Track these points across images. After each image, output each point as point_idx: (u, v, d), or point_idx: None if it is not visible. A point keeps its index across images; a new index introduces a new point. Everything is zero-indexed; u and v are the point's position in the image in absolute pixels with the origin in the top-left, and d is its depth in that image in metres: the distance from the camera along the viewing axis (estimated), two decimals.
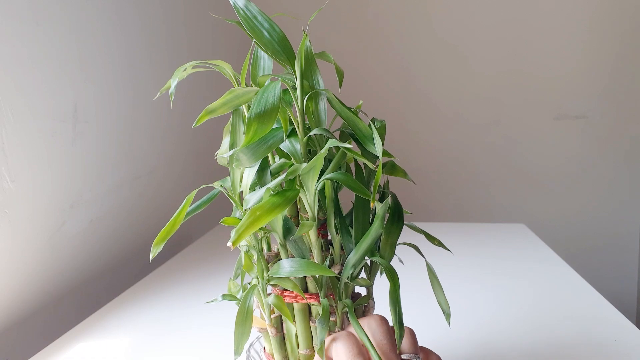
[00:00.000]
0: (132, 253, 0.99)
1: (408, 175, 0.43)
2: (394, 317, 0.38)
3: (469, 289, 0.82)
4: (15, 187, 0.69)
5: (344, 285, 0.41)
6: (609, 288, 1.58)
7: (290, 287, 0.40)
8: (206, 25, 1.29)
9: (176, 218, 0.40)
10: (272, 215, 0.35)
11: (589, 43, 1.51)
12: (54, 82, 0.76)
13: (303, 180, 0.37)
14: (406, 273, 0.50)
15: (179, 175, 1.17)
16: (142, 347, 0.66)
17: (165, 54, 1.09)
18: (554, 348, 0.63)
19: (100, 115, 0.88)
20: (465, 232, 1.14)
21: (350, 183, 0.37)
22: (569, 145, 1.54)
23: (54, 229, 0.78)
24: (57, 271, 0.79)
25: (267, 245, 0.44)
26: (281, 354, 0.45)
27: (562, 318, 0.71)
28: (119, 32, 0.93)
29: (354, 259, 0.40)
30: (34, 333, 0.75)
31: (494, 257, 0.98)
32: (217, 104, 0.35)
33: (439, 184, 1.60)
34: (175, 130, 1.14)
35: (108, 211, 0.91)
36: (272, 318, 0.44)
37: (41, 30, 0.74)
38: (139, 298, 0.81)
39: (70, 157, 0.80)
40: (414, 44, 1.56)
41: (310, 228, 0.38)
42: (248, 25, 0.35)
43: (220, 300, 0.45)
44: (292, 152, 0.38)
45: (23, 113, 0.70)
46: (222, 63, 0.39)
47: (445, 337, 0.65)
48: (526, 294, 0.79)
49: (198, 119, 0.35)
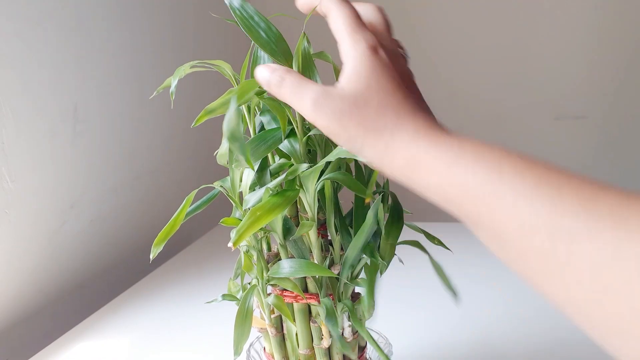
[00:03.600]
0: (132, 253, 0.99)
1: None
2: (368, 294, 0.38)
3: (469, 289, 0.82)
4: (16, 187, 0.69)
5: (343, 285, 0.41)
6: None
7: (290, 287, 0.40)
8: (208, 25, 1.29)
9: (176, 218, 0.41)
10: (272, 215, 0.35)
11: (589, 43, 1.51)
12: (54, 82, 0.76)
13: (303, 180, 0.37)
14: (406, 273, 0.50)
15: (179, 175, 1.17)
16: (142, 347, 0.66)
17: (165, 53, 1.09)
18: (554, 348, 0.63)
19: (101, 115, 0.88)
20: (466, 232, 1.14)
21: (350, 183, 0.37)
22: (569, 145, 1.54)
23: (54, 229, 0.78)
24: (57, 271, 0.80)
25: (267, 246, 0.44)
26: (281, 353, 0.45)
27: (562, 318, 0.71)
28: (119, 32, 0.93)
29: (350, 258, 0.40)
30: (34, 333, 0.75)
31: (493, 257, 0.98)
32: (216, 104, 0.35)
33: None
34: (175, 130, 1.14)
35: (108, 211, 0.91)
36: (272, 318, 0.44)
37: (41, 30, 0.74)
38: (139, 298, 0.81)
39: (71, 157, 0.80)
40: (413, 44, 1.55)
41: (310, 228, 0.38)
42: (245, 26, 0.35)
43: (220, 300, 0.45)
44: (292, 152, 0.38)
45: (23, 113, 0.70)
46: (221, 63, 0.39)
47: (446, 337, 0.65)
48: (526, 294, 0.79)
49: (197, 119, 0.35)
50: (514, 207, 0.24)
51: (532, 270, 0.25)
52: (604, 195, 0.23)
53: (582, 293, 0.23)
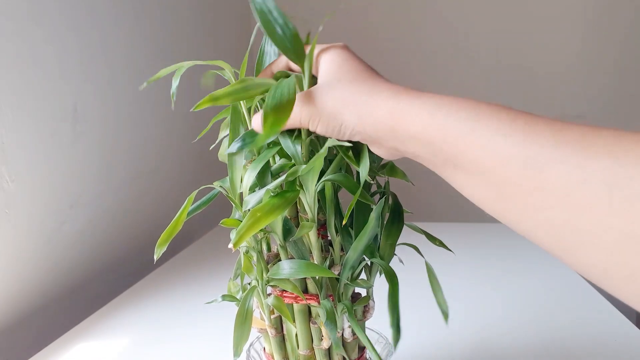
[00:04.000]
0: (132, 253, 0.99)
1: (407, 177, 0.42)
2: (392, 319, 0.38)
3: (469, 289, 0.82)
4: (15, 187, 0.69)
5: (343, 286, 0.41)
6: None
7: (290, 288, 0.40)
8: (208, 25, 1.29)
9: (178, 218, 0.40)
10: (272, 216, 0.35)
11: (589, 43, 1.51)
12: (54, 82, 0.76)
13: (303, 181, 0.37)
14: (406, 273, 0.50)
15: (179, 175, 1.17)
16: (142, 347, 0.66)
17: (165, 53, 1.08)
18: (554, 348, 0.63)
19: (100, 115, 0.87)
20: (465, 232, 1.14)
21: (350, 185, 0.37)
22: None
23: (54, 229, 0.78)
24: (57, 271, 0.79)
25: (267, 246, 0.44)
26: (281, 354, 0.45)
27: (562, 318, 0.71)
28: (119, 32, 0.93)
29: (351, 259, 0.40)
30: (34, 333, 0.75)
31: (493, 257, 0.98)
32: (222, 92, 0.35)
33: (439, 184, 1.60)
34: (175, 130, 1.14)
35: (108, 211, 0.91)
36: (271, 319, 0.44)
37: (41, 30, 0.74)
38: (138, 298, 0.81)
39: (70, 157, 0.80)
40: (413, 45, 1.56)
41: (310, 229, 0.38)
42: (262, 19, 0.34)
43: (220, 300, 0.45)
44: (292, 153, 0.38)
45: (23, 113, 0.70)
46: (221, 63, 0.39)
47: (445, 337, 0.65)
48: (526, 294, 0.79)
49: (199, 104, 0.34)
50: (491, 142, 0.27)
51: (509, 203, 0.27)
52: (574, 127, 0.25)
53: (556, 216, 0.24)
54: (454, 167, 0.29)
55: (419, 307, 0.67)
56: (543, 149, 0.25)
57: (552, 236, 0.25)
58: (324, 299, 0.40)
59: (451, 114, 0.28)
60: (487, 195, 0.28)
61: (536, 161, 0.25)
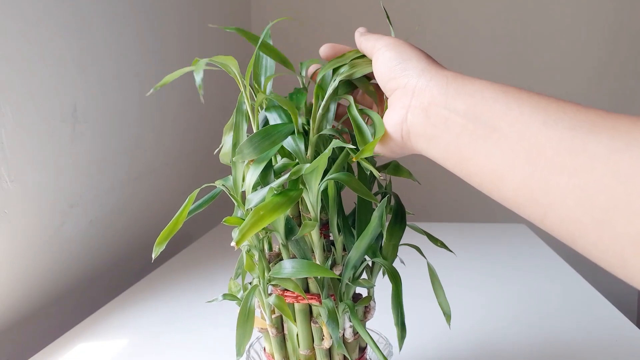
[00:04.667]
0: (132, 253, 0.99)
1: (413, 176, 0.42)
2: (396, 319, 0.38)
3: (470, 289, 0.82)
4: (15, 187, 0.69)
5: (345, 286, 0.41)
6: (609, 288, 1.57)
7: (292, 287, 0.40)
8: (208, 24, 1.29)
9: (178, 217, 0.40)
10: (275, 215, 0.35)
11: (589, 43, 1.52)
12: (54, 82, 0.76)
13: (306, 180, 0.37)
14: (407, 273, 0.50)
15: (179, 175, 1.17)
16: (142, 347, 0.66)
17: (165, 53, 1.08)
18: (554, 348, 0.63)
19: (100, 115, 0.87)
20: (466, 232, 1.14)
21: (353, 184, 0.37)
22: None
23: (54, 229, 0.77)
24: (57, 271, 0.79)
25: (269, 245, 0.43)
26: (281, 354, 0.45)
27: (563, 318, 0.71)
28: (119, 32, 0.93)
29: (353, 259, 0.40)
30: (34, 333, 0.74)
31: (494, 257, 0.98)
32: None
33: (440, 185, 1.60)
34: (175, 130, 1.14)
35: (108, 211, 0.91)
36: (272, 318, 0.44)
37: (41, 30, 0.74)
38: (139, 298, 0.81)
39: (70, 157, 0.80)
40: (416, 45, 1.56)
41: (312, 228, 0.38)
42: None
43: (220, 299, 0.45)
44: (295, 151, 0.38)
45: (23, 113, 0.70)
46: (229, 59, 0.38)
47: (446, 337, 0.65)
48: (526, 294, 0.79)
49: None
50: (515, 111, 0.29)
51: (531, 168, 0.28)
52: (592, 112, 0.27)
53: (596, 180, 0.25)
54: (493, 130, 0.30)
55: (419, 307, 0.67)
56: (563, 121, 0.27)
57: (583, 202, 0.25)
58: (326, 299, 0.40)
59: (486, 88, 0.33)
60: (504, 163, 0.29)
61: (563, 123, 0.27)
